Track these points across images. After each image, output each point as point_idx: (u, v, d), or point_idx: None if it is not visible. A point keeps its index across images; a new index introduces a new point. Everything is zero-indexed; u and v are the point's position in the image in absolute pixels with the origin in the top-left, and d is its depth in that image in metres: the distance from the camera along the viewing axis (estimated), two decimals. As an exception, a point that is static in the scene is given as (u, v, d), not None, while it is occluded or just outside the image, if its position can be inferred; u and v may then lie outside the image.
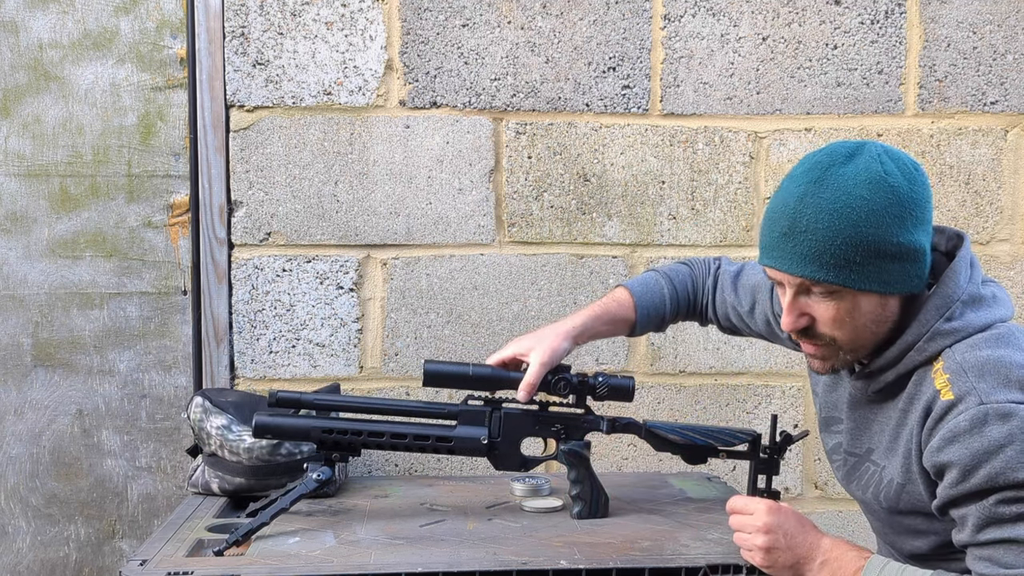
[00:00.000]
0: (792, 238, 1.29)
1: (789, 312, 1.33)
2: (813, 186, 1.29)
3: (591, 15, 2.20)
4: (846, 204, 1.26)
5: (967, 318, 1.31)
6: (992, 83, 2.26)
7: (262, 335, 2.19)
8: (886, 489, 1.39)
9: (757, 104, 2.24)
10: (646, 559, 1.46)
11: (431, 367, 1.62)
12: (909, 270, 1.29)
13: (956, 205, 2.27)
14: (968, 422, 1.23)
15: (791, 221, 1.29)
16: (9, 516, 2.23)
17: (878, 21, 2.24)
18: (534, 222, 2.22)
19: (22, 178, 2.19)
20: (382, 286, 2.20)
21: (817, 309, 1.32)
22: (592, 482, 1.70)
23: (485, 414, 1.66)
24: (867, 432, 1.44)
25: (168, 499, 2.24)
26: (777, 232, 1.31)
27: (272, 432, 1.65)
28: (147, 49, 2.19)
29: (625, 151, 2.23)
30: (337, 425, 1.63)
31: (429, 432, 1.64)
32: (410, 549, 1.50)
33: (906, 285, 1.30)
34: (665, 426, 1.71)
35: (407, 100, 2.18)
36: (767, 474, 1.66)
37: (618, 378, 1.66)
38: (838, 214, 1.26)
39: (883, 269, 1.28)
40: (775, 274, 1.34)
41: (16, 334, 2.21)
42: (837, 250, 1.26)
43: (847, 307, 1.30)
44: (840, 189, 1.27)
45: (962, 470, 1.23)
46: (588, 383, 1.65)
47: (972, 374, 1.26)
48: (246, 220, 2.17)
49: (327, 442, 1.63)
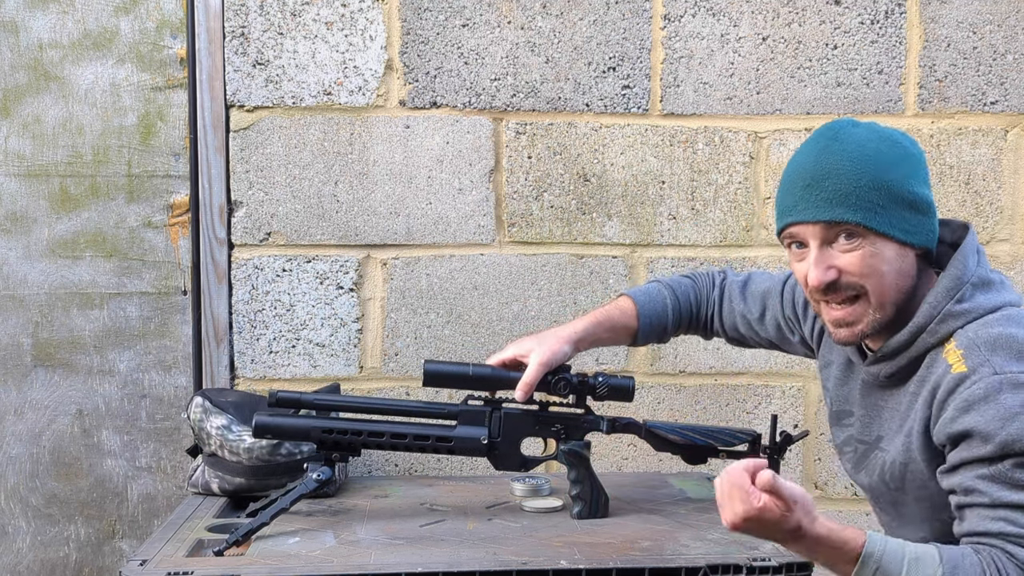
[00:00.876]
0: (816, 187, 1.33)
1: (817, 265, 1.34)
2: (831, 142, 1.35)
3: (591, 15, 2.20)
4: (865, 152, 1.32)
5: (977, 300, 1.33)
6: (992, 83, 2.26)
7: (262, 335, 2.19)
8: (891, 470, 1.40)
9: (757, 104, 2.24)
10: (646, 559, 1.46)
11: (431, 367, 1.62)
12: (924, 223, 1.34)
13: (956, 205, 2.27)
14: (983, 391, 1.25)
15: (813, 172, 1.33)
16: (9, 516, 2.23)
17: (878, 21, 2.24)
18: (534, 222, 2.22)
19: (22, 178, 2.19)
20: (382, 286, 2.20)
21: (842, 260, 1.34)
22: (592, 482, 1.70)
23: (485, 414, 1.66)
24: (878, 419, 1.45)
25: (168, 499, 2.24)
26: (799, 186, 1.35)
27: (272, 432, 1.65)
28: (147, 49, 2.19)
29: (625, 151, 2.23)
30: (337, 425, 1.63)
31: (429, 432, 1.64)
32: (410, 549, 1.50)
33: (922, 237, 1.34)
34: (665, 426, 1.71)
35: (407, 100, 2.18)
36: None
37: (618, 378, 1.66)
38: (861, 159, 1.32)
39: (903, 217, 1.32)
40: (799, 230, 1.36)
41: (16, 334, 2.21)
42: (862, 191, 1.30)
43: (871, 252, 1.32)
44: (856, 142, 1.33)
45: (979, 436, 1.25)
46: (588, 383, 1.65)
47: (985, 348, 1.28)
48: (246, 220, 2.17)
49: (327, 442, 1.63)
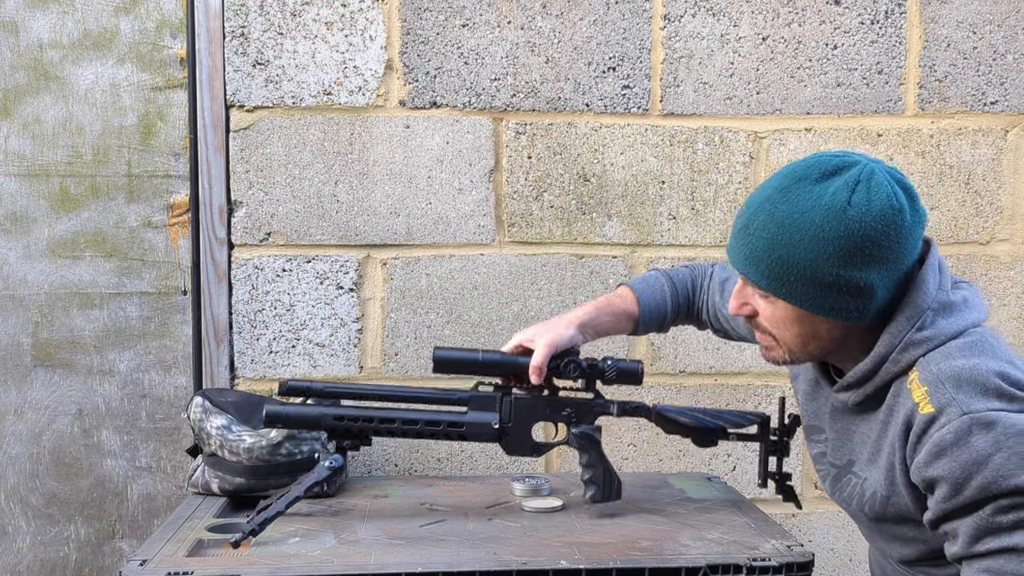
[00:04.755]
0: (743, 236, 1.33)
1: (734, 298, 1.39)
2: (777, 194, 1.29)
3: (591, 15, 2.20)
4: (794, 223, 1.26)
5: (939, 326, 1.30)
6: (992, 83, 2.26)
7: (262, 335, 2.19)
8: (870, 501, 1.38)
9: (757, 104, 2.24)
10: (646, 559, 1.46)
11: (441, 354, 1.62)
12: (847, 303, 1.28)
13: (956, 205, 2.28)
14: (953, 435, 1.22)
15: (747, 220, 1.32)
16: (9, 516, 2.23)
17: (878, 21, 2.24)
18: (534, 222, 2.22)
19: (22, 178, 2.19)
20: (382, 286, 2.21)
21: (758, 304, 1.36)
22: (605, 466, 1.70)
23: (496, 400, 1.66)
24: (848, 443, 1.43)
25: (168, 499, 2.24)
26: (737, 225, 1.36)
27: (283, 421, 1.64)
28: (147, 49, 2.19)
29: (625, 151, 2.23)
30: (348, 412, 1.63)
31: (440, 418, 1.64)
32: (410, 549, 1.50)
33: (840, 315, 1.29)
34: (675, 409, 1.73)
35: (407, 100, 2.18)
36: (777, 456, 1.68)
37: (627, 362, 1.66)
38: (783, 230, 1.27)
39: (814, 294, 1.28)
40: None
41: (16, 334, 2.21)
42: (773, 263, 1.28)
43: (780, 314, 1.33)
44: (796, 207, 1.27)
45: (953, 484, 1.22)
46: (597, 367, 1.65)
47: (950, 385, 1.24)
48: (246, 220, 2.17)
49: (338, 430, 1.63)
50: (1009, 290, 2.28)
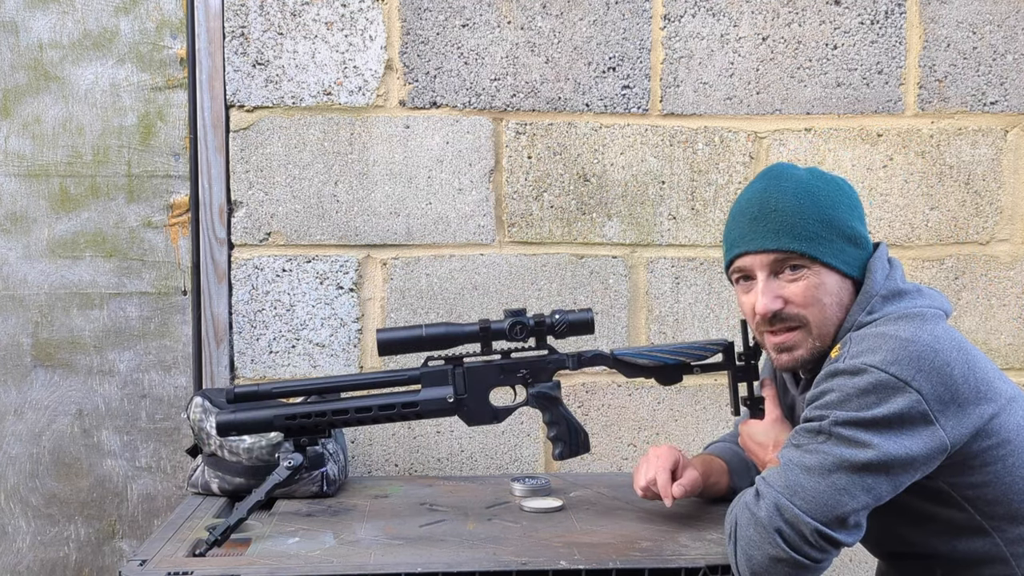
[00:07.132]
0: (763, 219, 1.40)
1: (765, 293, 1.40)
2: (775, 180, 1.43)
3: (591, 15, 2.20)
4: (807, 189, 1.41)
5: (885, 310, 1.38)
6: (992, 83, 2.26)
7: (262, 335, 2.19)
8: None
9: (757, 104, 2.24)
10: (646, 559, 1.46)
11: (383, 336, 1.59)
12: (860, 256, 1.42)
13: (956, 205, 2.27)
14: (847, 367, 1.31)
15: (760, 206, 1.41)
16: (9, 516, 2.23)
17: (878, 21, 2.24)
18: (534, 222, 2.22)
19: (22, 178, 2.19)
20: (382, 286, 2.20)
21: (788, 290, 1.40)
22: (568, 420, 1.67)
23: (448, 373, 1.63)
24: None
25: (168, 499, 2.24)
26: (747, 219, 1.42)
27: (235, 428, 1.62)
28: (147, 49, 2.19)
29: (625, 151, 2.23)
30: (299, 411, 1.61)
31: (394, 400, 1.62)
32: (410, 549, 1.50)
33: (859, 270, 1.41)
34: (632, 351, 1.67)
35: (407, 100, 2.18)
36: (747, 381, 1.64)
37: (576, 312, 1.62)
38: (804, 195, 1.40)
39: (843, 249, 1.39)
40: (747, 261, 1.42)
41: (16, 334, 2.21)
42: (807, 223, 1.38)
43: (815, 283, 1.39)
44: (798, 181, 1.42)
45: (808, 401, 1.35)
46: (546, 322, 1.61)
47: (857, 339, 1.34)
48: (246, 220, 2.17)
49: (293, 428, 1.61)
50: (1009, 290, 2.28)
